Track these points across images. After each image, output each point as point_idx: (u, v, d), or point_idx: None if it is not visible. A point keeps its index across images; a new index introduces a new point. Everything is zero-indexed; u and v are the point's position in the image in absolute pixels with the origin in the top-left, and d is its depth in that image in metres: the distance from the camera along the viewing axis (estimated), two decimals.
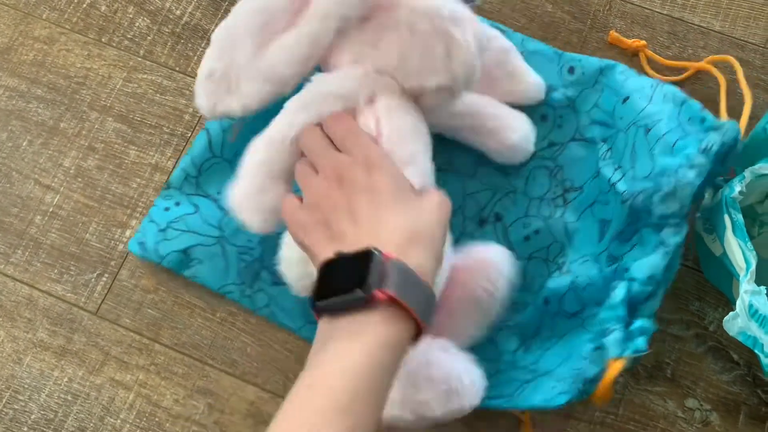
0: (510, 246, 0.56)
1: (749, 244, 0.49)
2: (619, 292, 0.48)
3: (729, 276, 0.52)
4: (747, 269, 0.48)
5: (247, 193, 0.48)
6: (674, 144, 0.50)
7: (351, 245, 0.40)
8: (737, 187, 0.50)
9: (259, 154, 0.48)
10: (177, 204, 0.57)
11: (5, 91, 0.62)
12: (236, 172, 0.55)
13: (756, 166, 0.51)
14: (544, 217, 0.57)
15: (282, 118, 0.49)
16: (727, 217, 0.50)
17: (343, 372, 0.36)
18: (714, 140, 0.49)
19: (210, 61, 0.49)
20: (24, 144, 0.61)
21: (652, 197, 0.49)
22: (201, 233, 0.56)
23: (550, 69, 0.60)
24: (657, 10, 0.65)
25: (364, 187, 0.42)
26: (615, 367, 0.44)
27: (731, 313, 0.48)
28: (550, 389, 0.48)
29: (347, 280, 0.38)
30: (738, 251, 0.49)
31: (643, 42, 0.62)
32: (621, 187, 0.52)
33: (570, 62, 0.60)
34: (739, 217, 0.49)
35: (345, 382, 0.36)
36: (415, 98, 0.49)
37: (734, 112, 0.54)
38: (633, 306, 0.48)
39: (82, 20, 0.64)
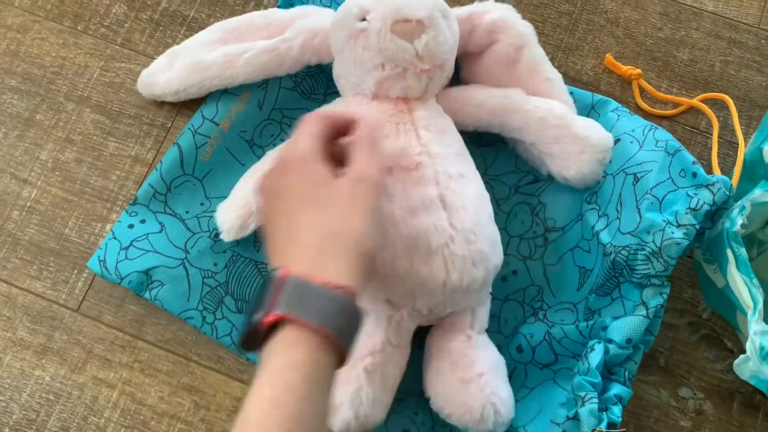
0: None
1: (755, 280, 0.47)
2: (595, 356, 0.46)
3: (732, 306, 0.50)
4: (755, 308, 0.46)
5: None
6: (663, 198, 0.48)
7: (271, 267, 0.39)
8: (739, 220, 0.47)
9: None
10: (142, 222, 0.55)
11: None
12: (206, 192, 0.56)
13: (754, 194, 0.48)
14: (523, 257, 0.55)
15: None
16: (729, 252, 0.47)
17: (256, 406, 0.35)
18: (705, 198, 0.47)
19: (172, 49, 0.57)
20: None
21: (637, 255, 0.47)
22: (165, 254, 0.54)
23: None
24: None
25: (277, 193, 0.40)
26: None
27: (742, 357, 0.46)
28: None
29: (253, 310, 0.37)
30: (743, 288, 0.46)
31: (639, 71, 0.60)
32: (604, 238, 0.50)
33: None
34: (742, 251, 0.47)
35: (257, 416, 0.34)
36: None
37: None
38: (609, 367, 0.48)
39: (56, 7, 0.62)
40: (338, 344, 0.36)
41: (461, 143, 0.52)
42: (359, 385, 0.46)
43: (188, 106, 0.59)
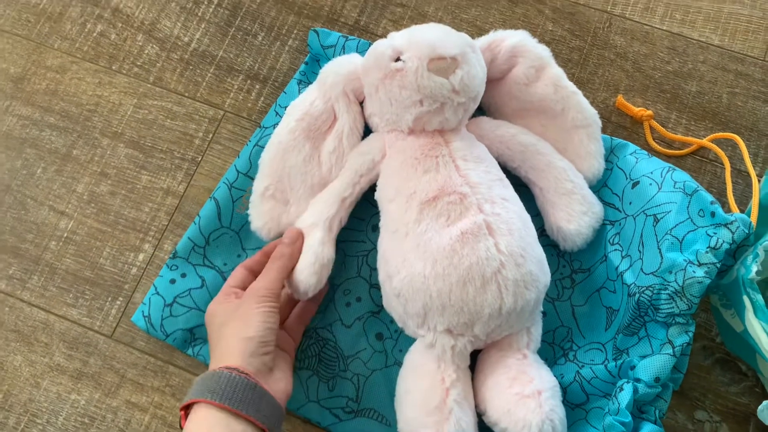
0: None
1: None
2: (625, 395, 0.47)
3: (752, 350, 0.50)
4: None
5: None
6: (683, 238, 0.49)
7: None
8: (753, 267, 0.48)
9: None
10: (183, 276, 0.57)
11: (19, 120, 0.64)
12: (242, 243, 0.58)
13: (767, 241, 0.48)
14: (552, 299, 0.56)
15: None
16: (746, 298, 0.48)
17: None
18: (724, 237, 0.47)
19: (263, 180, 0.55)
20: (38, 171, 0.62)
21: (660, 294, 0.48)
22: None
23: None
24: (656, 26, 0.66)
25: (213, 316, 0.51)
26: None
27: (765, 402, 0.46)
28: None
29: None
30: (762, 333, 0.47)
31: (650, 112, 0.62)
32: (628, 278, 0.52)
33: None
34: (759, 297, 0.48)
35: None
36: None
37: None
38: (639, 406, 0.48)
39: (92, 49, 0.66)
40: (229, 409, 0.45)
41: (498, 168, 0.54)
42: (457, 418, 0.48)
43: (218, 141, 0.62)
